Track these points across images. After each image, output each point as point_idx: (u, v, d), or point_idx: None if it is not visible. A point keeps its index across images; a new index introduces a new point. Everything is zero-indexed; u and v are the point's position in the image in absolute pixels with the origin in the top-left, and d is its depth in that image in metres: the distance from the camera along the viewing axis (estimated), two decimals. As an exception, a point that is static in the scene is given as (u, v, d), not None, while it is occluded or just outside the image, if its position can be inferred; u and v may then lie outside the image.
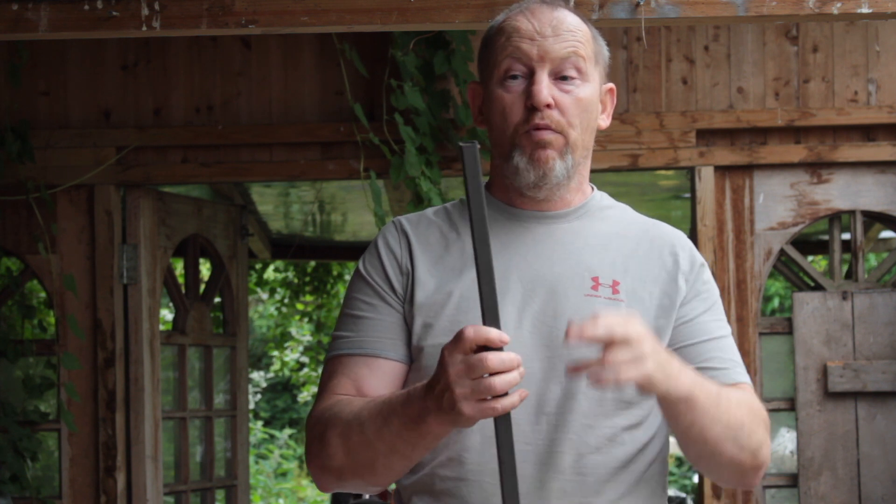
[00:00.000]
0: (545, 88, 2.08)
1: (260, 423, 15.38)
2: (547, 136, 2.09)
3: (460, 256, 2.12)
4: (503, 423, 1.85)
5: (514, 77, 2.10)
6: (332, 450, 2.02)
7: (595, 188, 2.24)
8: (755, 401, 2.14)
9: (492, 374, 1.83)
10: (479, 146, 1.87)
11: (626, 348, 1.86)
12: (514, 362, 1.83)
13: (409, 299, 2.10)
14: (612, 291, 2.12)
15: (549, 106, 2.08)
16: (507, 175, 2.13)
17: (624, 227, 2.20)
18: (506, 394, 1.84)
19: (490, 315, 1.85)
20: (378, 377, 2.09)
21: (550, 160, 2.10)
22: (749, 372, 4.79)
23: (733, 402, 2.06)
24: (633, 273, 2.15)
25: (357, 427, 2.00)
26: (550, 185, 2.12)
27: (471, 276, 2.06)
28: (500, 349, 1.84)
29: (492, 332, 1.83)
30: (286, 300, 10.72)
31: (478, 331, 1.83)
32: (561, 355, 2.05)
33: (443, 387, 1.85)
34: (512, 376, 1.83)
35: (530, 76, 2.10)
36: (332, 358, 2.14)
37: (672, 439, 2.17)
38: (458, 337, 1.84)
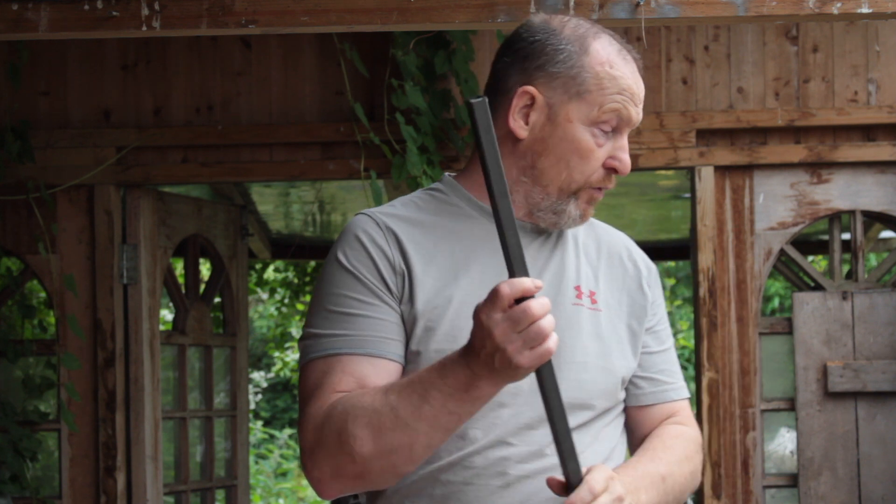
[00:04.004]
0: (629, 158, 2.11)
1: (260, 423, 15.37)
2: (601, 197, 2.13)
3: (451, 257, 2.09)
4: (547, 368, 1.84)
5: (606, 128, 2.08)
6: (360, 443, 1.93)
7: None
8: (690, 428, 2.22)
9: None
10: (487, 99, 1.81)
11: None
12: (548, 302, 1.81)
13: (407, 300, 2.05)
14: (591, 301, 2.14)
15: None
16: (540, 205, 2.10)
17: (584, 233, 2.22)
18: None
19: (518, 265, 1.82)
20: (383, 378, 2.02)
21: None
22: (749, 372, 4.81)
23: (676, 473, 2.14)
24: (603, 281, 2.18)
25: (388, 412, 1.92)
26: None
27: (467, 280, 2.06)
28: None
29: (526, 282, 1.80)
30: (286, 300, 10.72)
31: (513, 285, 1.79)
32: (559, 364, 2.04)
33: (491, 349, 1.81)
34: (550, 316, 1.81)
35: (614, 134, 2.09)
36: (324, 357, 2.04)
37: None
38: (495, 295, 1.80)
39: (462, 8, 3.59)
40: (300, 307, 10.87)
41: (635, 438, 2.22)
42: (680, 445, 2.18)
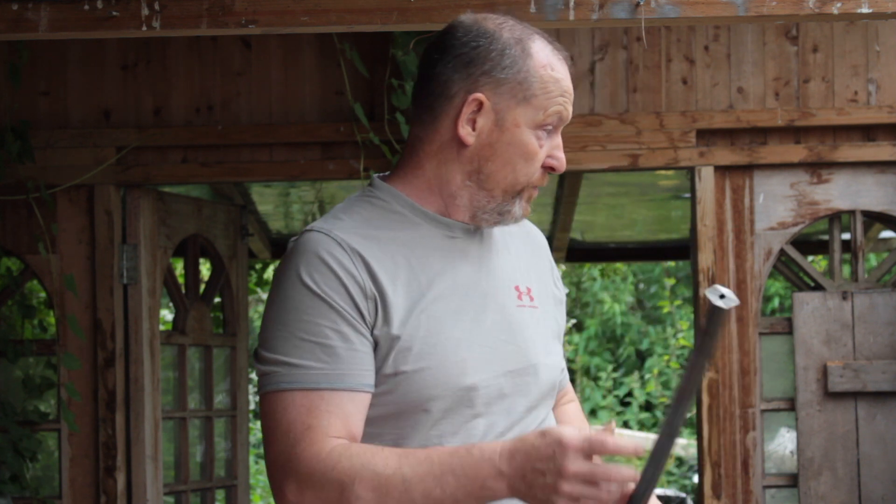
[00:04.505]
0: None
1: (260, 422, 15.36)
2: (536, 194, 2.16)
3: (411, 271, 2.08)
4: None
5: (548, 129, 2.10)
6: None
7: None
8: (577, 403, 2.41)
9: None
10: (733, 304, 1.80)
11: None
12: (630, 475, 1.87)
13: (382, 324, 2.03)
14: (530, 298, 2.18)
15: None
16: (485, 207, 2.11)
17: (512, 225, 2.23)
18: None
19: (660, 458, 1.88)
20: (361, 413, 2.02)
21: None
22: (749, 372, 4.81)
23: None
24: (534, 276, 2.23)
25: (399, 483, 1.93)
26: None
27: (433, 295, 2.07)
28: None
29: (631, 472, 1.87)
30: (286, 300, 10.71)
31: (619, 474, 1.85)
32: (523, 369, 2.11)
33: (548, 481, 1.85)
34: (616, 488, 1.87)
35: (550, 133, 2.11)
36: (303, 390, 2.00)
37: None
38: (594, 443, 1.85)
39: (462, 8, 3.59)
40: (300, 307, 10.86)
41: None
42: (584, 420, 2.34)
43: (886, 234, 7.41)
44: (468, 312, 2.09)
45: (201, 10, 3.62)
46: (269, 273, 10.24)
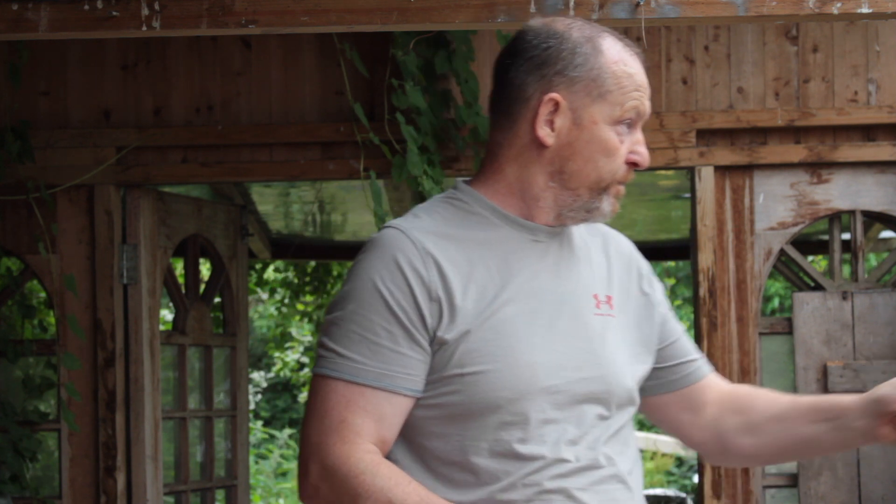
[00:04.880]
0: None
1: (260, 423, 15.38)
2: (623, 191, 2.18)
3: (487, 272, 2.09)
4: None
5: (626, 125, 2.13)
6: None
7: None
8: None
9: None
10: None
11: None
12: None
13: (446, 325, 2.05)
14: (609, 307, 2.18)
15: None
16: (571, 206, 2.13)
17: (587, 231, 2.24)
18: None
19: None
20: (398, 416, 2.06)
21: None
22: (749, 372, 4.81)
23: None
24: (616, 283, 2.22)
25: None
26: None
27: (508, 297, 2.07)
28: None
29: None
30: (286, 300, 10.72)
31: None
32: (597, 377, 2.11)
33: None
34: None
35: (630, 129, 2.14)
36: (345, 381, 2.06)
37: (669, 438, 2.25)
38: None
39: (462, 8, 3.59)
40: (300, 307, 10.87)
41: (698, 416, 2.31)
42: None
43: (886, 234, 7.41)
44: (543, 317, 2.09)
45: (201, 10, 3.62)
46: (270, 273, 10.25)
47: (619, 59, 2.13)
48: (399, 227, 2.11)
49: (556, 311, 2.10)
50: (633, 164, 2.14)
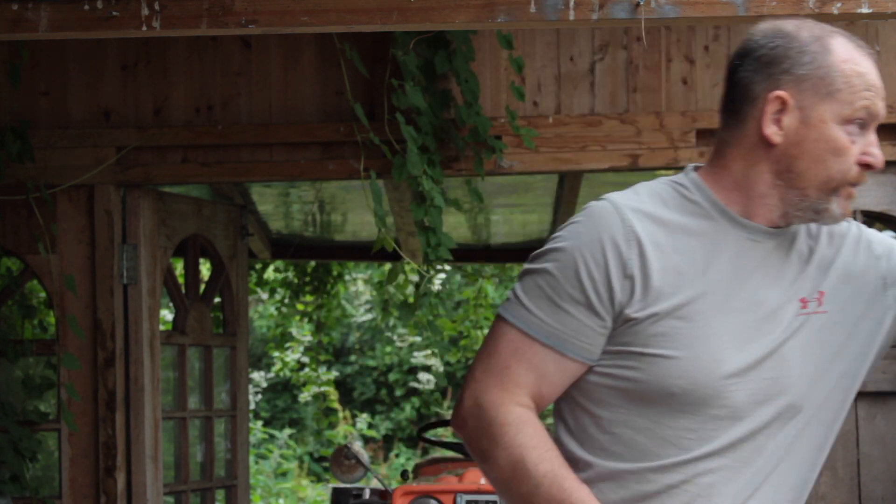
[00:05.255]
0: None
1: (260, 423, 15.37)
2: (856, 194, 2.15)
3: (692, 261, 2.09)
4: None
5: (857, 125, 2.10)
6: (493, 468, 2.10)
7: None
8: None
9: None
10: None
11: None
12: None
13: (637, 302, 2.07)
14: (818, 304, 2.16)
15: None
16: (798, 205, 2.11)
17: (805, 227, 2.20)
18: None
19: None
20: (562, 377, 2.11)
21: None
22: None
23: None
24: (833, 274, 2.19)
25: (530, 484, 2.06)
26: None
27: (709, 289, 2.08)
28: None
29: None
30: (286, 300, 10.72)
31: None
32: (781, 388, 2.11)
33: None
34: None
35: (862, 130, 2.11)
36: (520, 331, 2.11)
37: None
38: None
39: (462, 8, 3.59)
40: (300, 307, 10.86)
41: None
42: None
43: (886, 234, 7.41)
44: (740, 316, 2.09)
45: (201, 10, 3.62)
46: (269, 273, 10.24)
47: (849, 57, 2.11)
48: (615, 202, 2.14)
49: (755, 313, 2.10)
50: (865, 166, 2.11)
